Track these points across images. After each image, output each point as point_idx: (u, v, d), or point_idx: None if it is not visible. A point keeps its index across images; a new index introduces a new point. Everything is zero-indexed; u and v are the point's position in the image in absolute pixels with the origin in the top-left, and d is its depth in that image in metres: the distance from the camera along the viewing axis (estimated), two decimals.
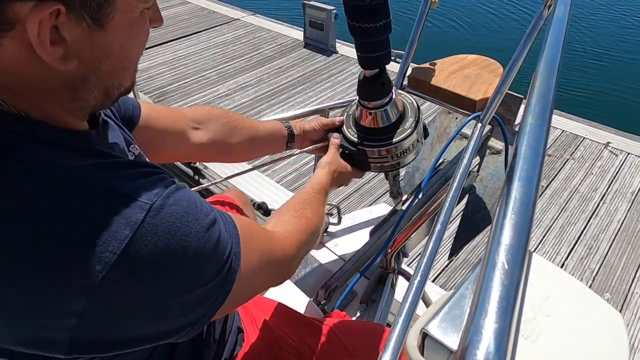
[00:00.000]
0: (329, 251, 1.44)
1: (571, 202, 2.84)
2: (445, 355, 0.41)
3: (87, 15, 0.41)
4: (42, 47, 0.40)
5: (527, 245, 0.39)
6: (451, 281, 2.32)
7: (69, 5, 0.39)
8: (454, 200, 0.70)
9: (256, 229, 0.60)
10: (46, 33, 0.39)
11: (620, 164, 3.15)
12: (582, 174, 3.07)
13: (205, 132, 0.87)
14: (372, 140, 0.93)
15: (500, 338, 0.32)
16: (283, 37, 5.14)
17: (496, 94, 0.87)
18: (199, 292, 0.46)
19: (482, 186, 1.22)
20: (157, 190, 0.43)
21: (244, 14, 5.67)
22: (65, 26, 0.40)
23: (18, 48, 0.40)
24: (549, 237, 2.59)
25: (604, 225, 2.66)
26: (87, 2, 0.41)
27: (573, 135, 3.43)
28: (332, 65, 4.53)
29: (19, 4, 0.37)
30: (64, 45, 0.41)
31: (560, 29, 0.66)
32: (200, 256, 0.45)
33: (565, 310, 0.76)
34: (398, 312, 0.51)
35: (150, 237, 0.41)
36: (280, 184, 2.99)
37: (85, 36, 0.42)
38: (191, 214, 0.45)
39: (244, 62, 4.62)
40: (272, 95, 4.05)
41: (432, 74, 1.14)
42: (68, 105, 0.47)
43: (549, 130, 0.52)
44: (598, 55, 5.65)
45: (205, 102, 3.95)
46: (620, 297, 2.25)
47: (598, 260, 2.45)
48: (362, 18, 0.76)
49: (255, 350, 0.83)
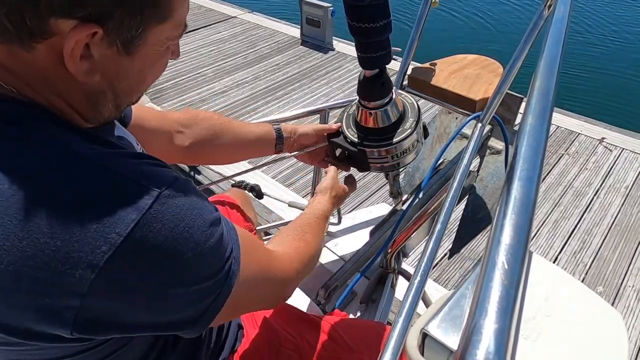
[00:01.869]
0: (329, 251, 1.45)
1: (565, 196, 2.85)
2: (445, 355, 0.41)
3: (119, 42, 0.45)
4: (72, 60, 0.42)
5: (527, 245, 0.39)
6: (451, 281, 2.32)
7: (107, 30, 0.43)
8: (454, 200, 0.70)
9: (257, 243, 0.62)
10: (79, 49, 0.42)
11: (615, 159, 3.17)
12: (576, 169, 3.08)
13: (187, 136, 0.88)
14: (372, 140, 0.93)
15: (500, 338, 0.32)
16: (280, 34, 5.14)
17: (496, 94, 0.87)
18: (198, 286, 0.46)
19: (482, 186, 1.21)
20: (165, 180, 0.45)
21: (241, 12, 5.68)
22: (96, 46, 0.43)
23: (49, 55, 0.43)
24: (542, 231, 2.61)
25: (597, 220, 2.68)
26: (123, 31, 0.44)
27: (568, 131, 3.44)
28: (329, 63, 4.52)
29: (62, 19, 0.40)
30: (91, 61, 0.44)
31: (560, 29, 0.66)
32: (201, 250, 0.45)
33: (565, 310, 0.76)
34: (398, 312, 0.51)
35: (156, 223, 0.42)
36: (275, 179, 3.00)
37: (112, 58, 0.45)
38: (196, 208, 0.46)
39: (241, 60, 4.62)
40: (269, 93, 4.05)
41: (432, 74, 1.14)
42: (85, 113, 0.49)
43: (549, 130, 0.52)
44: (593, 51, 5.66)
45: (201, 99, 3.95)
46: (612, 291, 2.27)
47: (591, 254, 2.46)
48: (362, 18, 0.76)
49: (255, 347, 0.83)
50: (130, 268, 0.42)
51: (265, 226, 1.67)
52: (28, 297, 0.40)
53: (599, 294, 2.20)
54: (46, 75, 0.44)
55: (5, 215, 0.39)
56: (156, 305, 0.45)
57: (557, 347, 0.69)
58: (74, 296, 0.40)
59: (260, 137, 0.96)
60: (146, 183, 0.43)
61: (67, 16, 0.40)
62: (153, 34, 0.47)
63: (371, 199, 2.85)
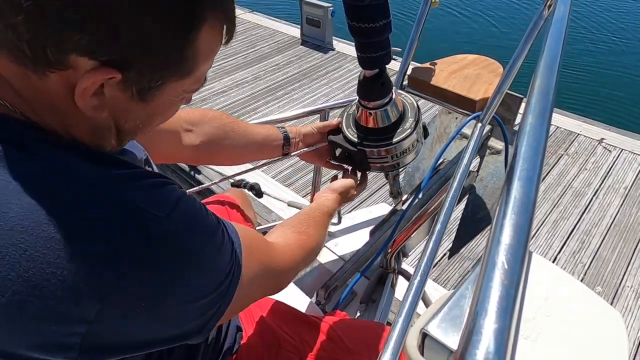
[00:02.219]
0: (329, 251, 1.45)
1: (565, 197, 2.86)
2: (445, 355, 0.41)
3: (135, 89, 0.43)
4: (82, 97, 0.41)
5: (527, 245, 0.39)
6: (451, 281, 2.32)
7: (125, 77, 0.41)
8: (454, 200, 0.70)
9: (257, 240, 0.62)
10: (92, 88, 0.41)
11: (614, 159, 3.17)
12: (576, 169, 3.09)
13: (197, 134, 0.87)
14: (372, 140, 0.93)
15: (500, 338, 0.32)
16: (280, 34, 5.14)
17: (496, 94, 0.87)
18: (204, 300, 0.47)
19: (482, 186, 1.21)
20: (169, 202, 0.45)
21: (241, 11, 5.67)
22: (111, 87, 0.42)
23: (61, 86, 0.41)
24: (542, 231, 2.61)
25: (596, 220, 2.68)
26: (142, 81, 0.42)
27: (567, 132, 3.45)
28: (329, 63, 4.53)
29: (84, 58, 0.39)
30: (101, 99, 0.43)
31: (560, 29, 0.66)
32: (207, 267, 0.47)
33: (565, 310, 0.76)
34: (398, 312, 0.51)
35: (161, 248, 0.43)
36: (275, 179, 3.00)
37: (124, 101, 0.44)
38: (199, 226, 0.47)
39: (241, 59, 4.62)
40: (269, 93, 4.05)
41: (432, 74, 1.14)
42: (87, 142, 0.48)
43: (549, 130, 0.52)
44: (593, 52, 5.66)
45: (201, 99, 3.95)
46: (611, 291, 2.27)
47: (590, 254, 2.47)
48: (362, 18, 0.76)
49: (254, 349, 0.83)
50: (138, 292, 0.42)
51: (265, 226, 1.67)
52: (33, 325, 0.40)
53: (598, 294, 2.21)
54: (53, 102, 0.43)
55: (11, 245, 0.38)
56: (164, 324, 0.46)
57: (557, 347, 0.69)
58: (80, 323, 0.40)
59: (268, 139, 0.96)
60: (151, 209, 0.43)
61: (90, 56, 0.39)
62: (172, 87, 0.46)
63: (371, 199, 2.85)
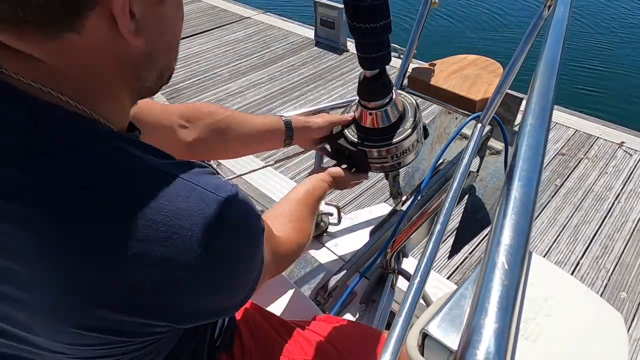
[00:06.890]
0: (329, 251, 1.44)
1: (585, 201, 2.82)
2: (445, 355, 0.41)
3: None
4: (124, 18, 0.41)
5: (527, 245, 0.39)
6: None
7: None
8: (454, 200, 0.70)
9: (270, 231, 0.66)
10: (127, 4, 0.41)
11: (635, 163, 3.13)
12: (596, 173, 3.05)
13: (192, 130, 0.86)
14: (372, 140, 0.93)
15: (500, 338, 0.32)
16: (294, 35, 5.14)
17: (496, 94, 0.87)
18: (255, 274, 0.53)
19: (482, 186, 1.22)
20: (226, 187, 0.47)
21: (254, 12, 5.69)
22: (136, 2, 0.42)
23: (99, 27, 0.41)
24: (563, 236, 2.57)
25: (618, 225, 2.65)
26: None
27: (587, 135, 3.41)
28: (344, 64, 4.52)
29: None
30: (135, 20, 0.43)
31: (560, 29, 0.66)
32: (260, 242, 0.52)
33: (565, 310, 0.76)
34: (398, 312, 0.51)
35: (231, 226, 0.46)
36: (293, 180, 2.98)
37: (149, 11, 0.45)
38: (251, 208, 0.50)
39: (256, 60, 4.62)
40: (284, 93, 4.05)
41: (432, 74, 1.14)
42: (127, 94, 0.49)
43: (549, 130, 0.52)
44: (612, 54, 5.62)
45: (217, 100, 3.96)
46: (636, 296, 2.23)
47: (613, 259, 2.43)
48: (363, 18, 0.76)
49: (248, 351, 0.83)
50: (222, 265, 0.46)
51: None
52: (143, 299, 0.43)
53: (623, 300, 2.19)
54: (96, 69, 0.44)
55: None
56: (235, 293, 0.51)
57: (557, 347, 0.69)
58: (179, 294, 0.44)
59: (267, 131, 0.95)
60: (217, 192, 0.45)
61: None
62: None
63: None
